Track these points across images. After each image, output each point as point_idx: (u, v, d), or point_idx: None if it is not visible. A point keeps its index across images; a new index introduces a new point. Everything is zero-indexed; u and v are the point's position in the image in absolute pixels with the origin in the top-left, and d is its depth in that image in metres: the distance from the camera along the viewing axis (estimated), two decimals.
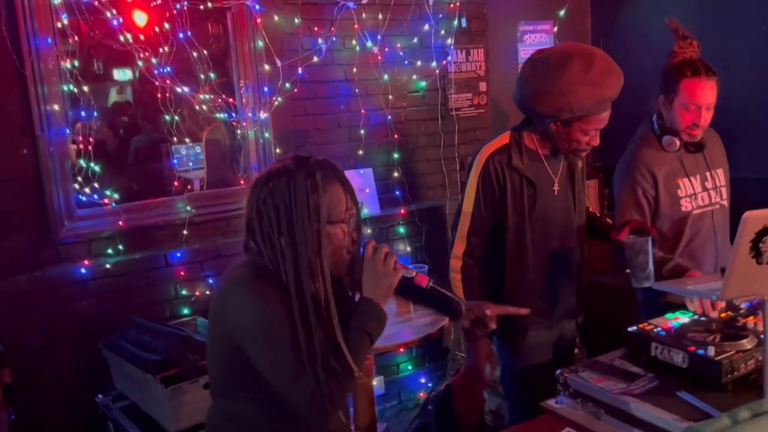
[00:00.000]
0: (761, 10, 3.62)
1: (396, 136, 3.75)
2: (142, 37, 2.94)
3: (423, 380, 3.94)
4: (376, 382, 3.59)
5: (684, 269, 2.41)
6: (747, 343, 1.82)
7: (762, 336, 1.70)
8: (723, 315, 2.07)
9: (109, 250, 3.02)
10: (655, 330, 1.97)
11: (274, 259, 1.54)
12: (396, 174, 3.78)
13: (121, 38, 2.90)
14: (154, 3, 2.97)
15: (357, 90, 3.60)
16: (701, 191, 2.56)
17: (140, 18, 3.03)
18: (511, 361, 2.45)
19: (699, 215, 2.56)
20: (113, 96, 6.16)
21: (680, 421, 1.62)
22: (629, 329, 2.01)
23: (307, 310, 1.51)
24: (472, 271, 2.36)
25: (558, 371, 1.94)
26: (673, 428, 1.62)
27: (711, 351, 1.77)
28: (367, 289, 1.61)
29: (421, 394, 3.85)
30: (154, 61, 2.96)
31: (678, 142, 2.51)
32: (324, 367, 1.49)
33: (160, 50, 2.98)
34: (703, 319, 2.05)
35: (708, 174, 2.58)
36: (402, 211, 3.77)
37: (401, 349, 3.41)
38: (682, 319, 2.06)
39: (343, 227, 1.58)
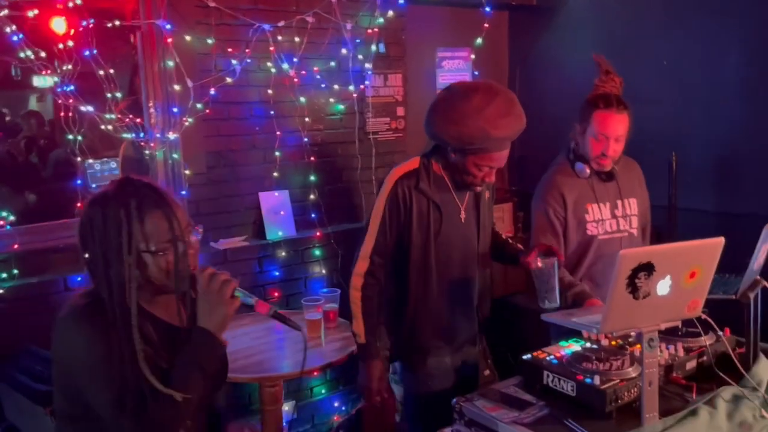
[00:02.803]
0: (664, 45, 3.80)
1: (312, 158, 3.74)
2: (43, 54, 2.83)
3: (337, 404, 3.91)
4: (287, 407, 3.54)
5: (587, 296, 2.50)
6: (632, 372, 1.88)
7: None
8: (614, 342, 2.14)
9: (3, 275, 2.88)
10: (547, 358, 2.01)
11: (104, 288, 1.52)
12: (312, 196, 3.76)
13: (22, 55, 2.80)
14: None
15: (272, 112, 3.57)
16: (610, 218, 2.66)
17: (43, 34, 2.93)
18: (412, 387, 2.47)
19: (605, 241, 2.65)
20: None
21: None
22: (523, 357, 2.05)
23: (130, 342, 1.48)
24: (372, 290, 2.39)
25: (454, 400, 1.96)
26: None
27: (596, 380, 1.82)
28: (202, 318, 1.56)
29: (335, 418, 3.82)
30: (55, 79, 2.86)
31: (588, 170, 2.61)
32: (147, 398, 1.47)
33: (64, 67, 2.88)
34: (595, 347, 2.11)
35: (619, 202, 2.68)
36: (318, 233, 3.75)
37: (315, 373, 3.37)
38: (575, 347, 2.11)
39: (166, 257, 1.54)
